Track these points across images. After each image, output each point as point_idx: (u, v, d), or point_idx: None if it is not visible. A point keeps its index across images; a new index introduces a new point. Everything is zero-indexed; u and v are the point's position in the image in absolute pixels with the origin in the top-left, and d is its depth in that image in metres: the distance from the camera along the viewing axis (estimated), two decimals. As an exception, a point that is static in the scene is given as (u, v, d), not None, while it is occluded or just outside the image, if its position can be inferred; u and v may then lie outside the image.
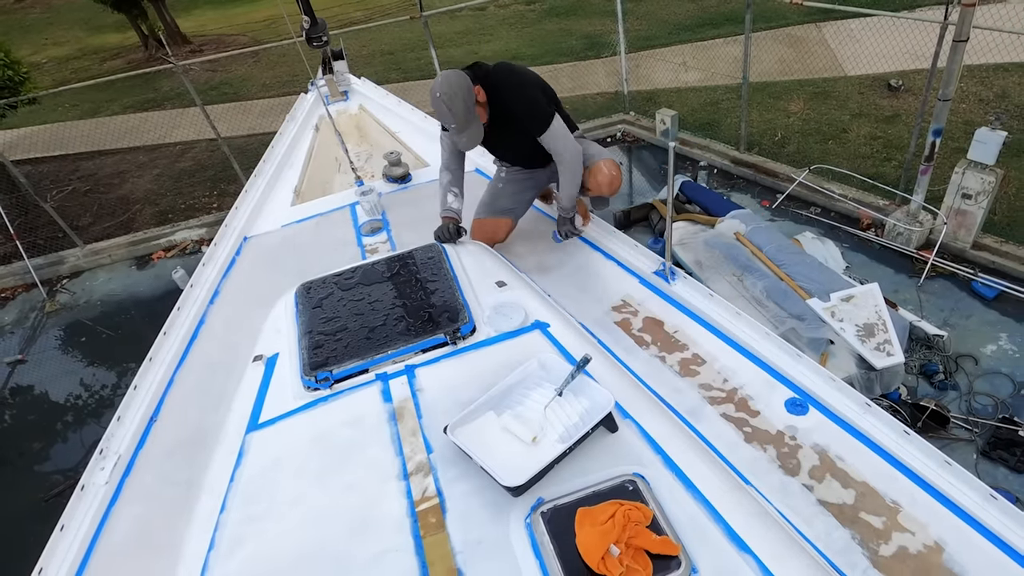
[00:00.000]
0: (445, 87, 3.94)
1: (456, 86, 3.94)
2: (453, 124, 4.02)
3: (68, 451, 8.17)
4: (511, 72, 4.24)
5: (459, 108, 3.95)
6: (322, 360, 3.46)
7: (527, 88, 4.25)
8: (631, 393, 3.06)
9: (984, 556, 2.69)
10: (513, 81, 4.21)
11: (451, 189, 4.54)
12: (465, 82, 3.98)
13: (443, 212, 4.52)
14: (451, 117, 3.98)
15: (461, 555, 2.45)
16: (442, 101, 3.94)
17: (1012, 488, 5.61)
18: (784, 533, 2.39)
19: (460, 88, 3.95)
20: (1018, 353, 6.76)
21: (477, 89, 4.05)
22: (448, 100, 3.93)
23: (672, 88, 13.43)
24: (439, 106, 3.98)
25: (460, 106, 3.95)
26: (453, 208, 4.52)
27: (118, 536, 3.15)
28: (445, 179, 4.58)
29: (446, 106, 3.94)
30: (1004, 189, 8.32)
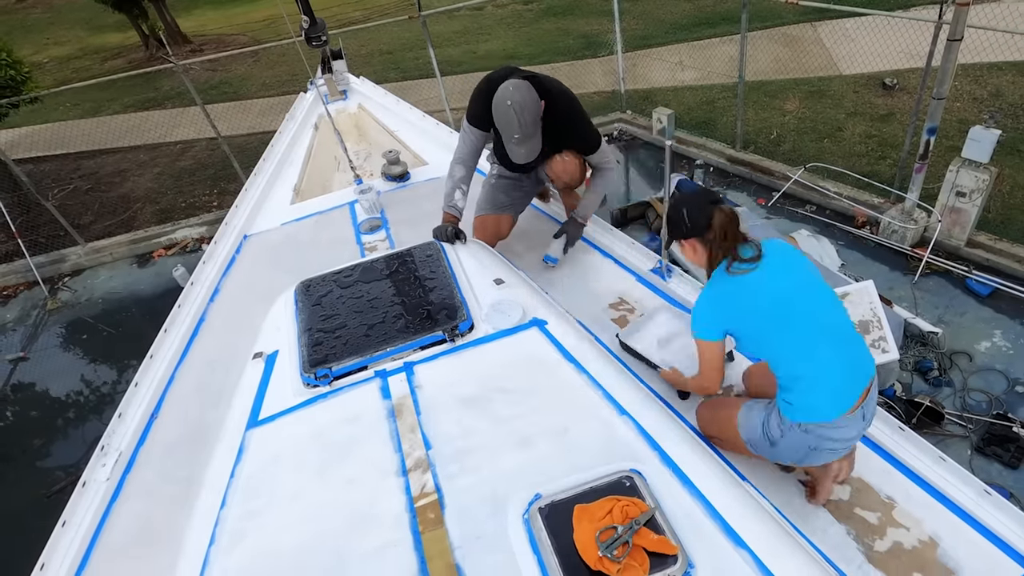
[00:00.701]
0: (518, 96, 3.90)
1: (528, 98, 3.91)
2: (517, 135, 3.96)
3: (70, 447, 8.17)
4: (564, 93, 4.22)
5: (528, 120, 3.93)
6: (321, 357, 3.46)
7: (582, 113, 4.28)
8: (629, 390, 3.05)
9: (978, 551, 2.69)
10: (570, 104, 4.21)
11: (460, 186, 4.46)
12: (535, 95, 3.95)
13: (446, 207, 4.45)
14: (518, 128, 3.93)
15: (459, 550, 2.45)
16: (513, 110, 3.89)
17: (1006, 484, 5.62)
18: (780, 529, 2.39)
19: (531, 100, 3.93)
20: (1012, 350, 6.77)
21: (541, 104, 4.03)
22: (519, 110, 3.89)
23: (669, 87, 13.42)
24: (508, 114, 3.91)
25: (529, 118, 3.93)
26: (458, 206, 4.45)
27: (119, 532, 3.16)
28: (457, 174, 4.47)
29: (516, 115, 3.89)
30: (998, 187, 8.33)
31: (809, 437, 2.78)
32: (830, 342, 2.82)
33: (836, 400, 2.76)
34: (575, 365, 3.22)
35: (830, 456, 2.84)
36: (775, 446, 2.90)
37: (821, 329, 2.83)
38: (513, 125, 3.92)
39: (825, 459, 2.86)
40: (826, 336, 2.82)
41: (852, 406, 2.75)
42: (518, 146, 4.03)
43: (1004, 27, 7.77)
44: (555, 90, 4.16)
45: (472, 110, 4.28)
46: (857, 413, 2.77)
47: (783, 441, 2.86)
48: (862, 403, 2.78)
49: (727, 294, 2.93)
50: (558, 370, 3.22)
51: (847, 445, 2.84)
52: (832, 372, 2.78)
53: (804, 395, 2.80)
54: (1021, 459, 5.74)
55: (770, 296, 2.84)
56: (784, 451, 2.91)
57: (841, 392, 2.78)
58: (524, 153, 4.07)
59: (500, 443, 2.87)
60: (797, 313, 2.83)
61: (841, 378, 2.79)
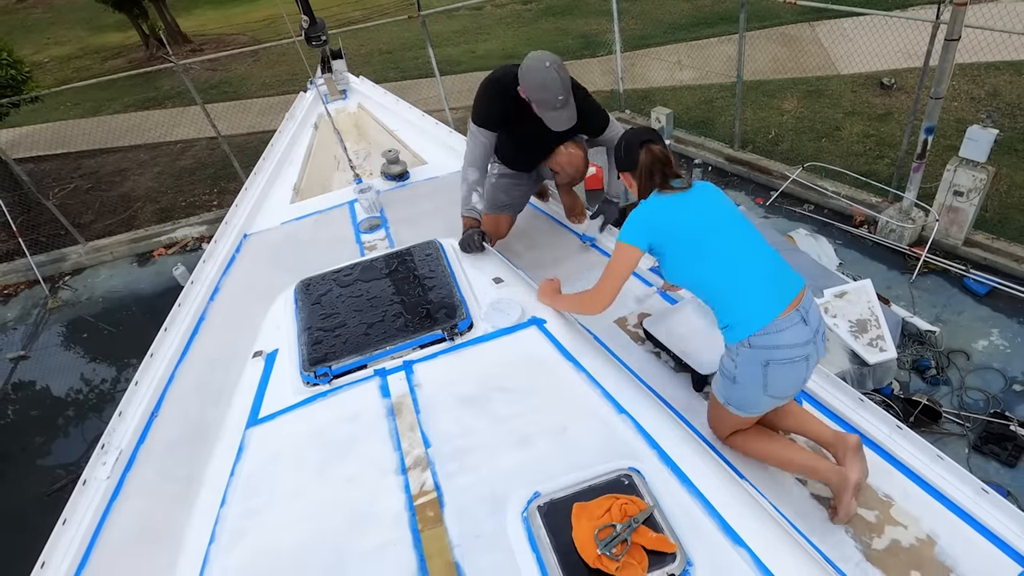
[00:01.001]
0: (553, 58, 3.86)
1: (558, 59, 3.88)
2: (561, 95, 3.87)
3: (70, 446, 8.18)
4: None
5: (567, 79, 3.89)
6: (321, 356, 3.46)
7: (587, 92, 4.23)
8: (627, 388, 3.05)
9: (976, 549, 2.69)
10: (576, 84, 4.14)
11: (475, 188, 4.38)
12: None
13: (464, 212, 4.38)
14: (560, 87, 3.84)
15: (459, 548, 2.44)
16: (554, 69, 3.82)
17: (1003, 482, 5.63)
18: (778, 527, 2.39)
19: (561, 62, 3.90)
20: (1009, 348, 6.77)
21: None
22: (558, 69, 3.84)
23: (667, 87, 13.43)
24: (550, 75, 3.83)
25: (567, 77, 3.90)
26: (476, 209, 4.38)
27: (120, 530, 3.16)
28: (472, 176, 4.39)
29: (558, 74, 3.83)
30: (995, 186, 8.34)
31: (757, 352, 2.88)
32: (751, 258, 2.99)
33: (765, 304, 2.88)
34: (574, 364, 3.22)
35: (791, 371, 2.92)
36: (737, 381, 2.98)
37: (741, 249, 3.01)
38: (556, 85, 3.83)
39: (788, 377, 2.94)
40: (747, 254, 3.00)
41: (784, 308, 2.86)
42: (562, 109, 3.92)
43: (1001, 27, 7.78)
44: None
45: (478, 111, 4.22)
46: (794, 315, 2.88)
47: (740, 371, 2.95)
48: (797, 305, 2.90)
49: (656, 208, 3.10)
50: (557, 369, 3.22)
51: (801, 352, 2.90)
52: (755, 281, 2.94)
53: (734, 310, 2.94)
54: (1018, 457, 5.75)
55: (694, 216, 3.04)
56: (746, 383, 2.96)
57: (768, 296, 2.90)
58: (567, 116, 3.97)
59: (499, 441, 2.87)
60: (718, 234, 3.02)
61: (765, 286, 2.93)
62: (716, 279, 2.99)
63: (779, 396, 3.00)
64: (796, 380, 2.98)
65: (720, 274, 2.97)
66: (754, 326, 2.86)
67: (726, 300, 2.97)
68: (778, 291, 2.91)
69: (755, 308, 2.88)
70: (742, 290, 2.93)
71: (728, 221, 3.06)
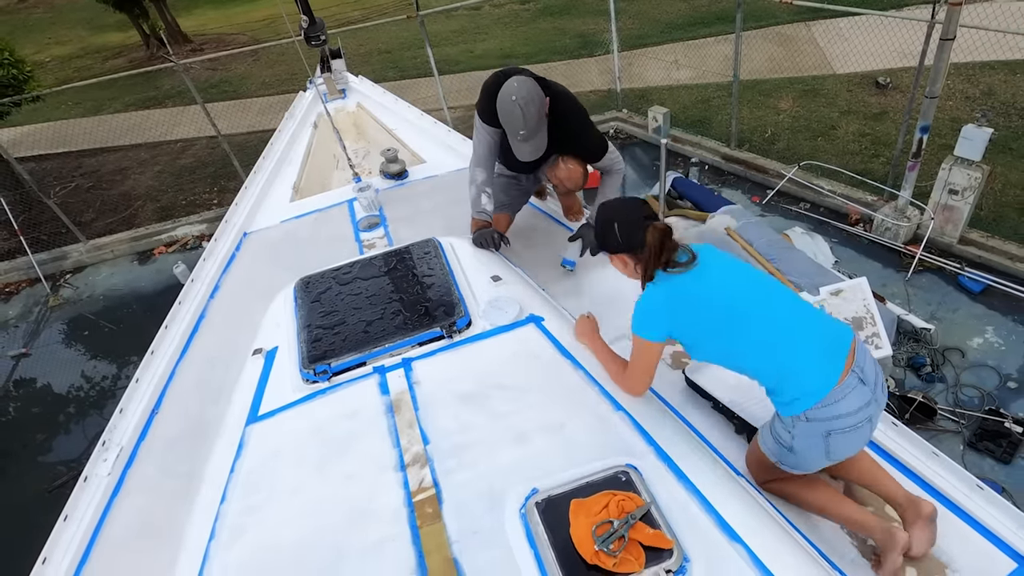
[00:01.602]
0: (523, 92, 3.81)
1: (533, 93, 3.82)
2: (523, 131, 3.86)
3: (71, 443, 8.18)
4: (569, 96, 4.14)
5: (532, 115, 3.83)
6: (321, 353, 3.46)
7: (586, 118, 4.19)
8: (624, 385, 3.06)
9: (970, 545, 2.69)
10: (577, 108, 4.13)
11: (484, 190, 4.35)
12: (540, 92, 3.87)
13: (476, 213, 4.36)
14: (523, 123, 3.82)
15: (457, 544, 2.44)
16: (518, 105, 3.79)
17: (998, 479, 5.63)
18: (774, 523, 2.39)
19: (536, 97, 3.84)
20: (1004, 346, 6.78)
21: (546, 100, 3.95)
22: (524, 105, 3.79)
23: (664, 86, 13.42)
24: (513, 110, 3.80)
25: (534, 113, 3.83)
26: (486, 211, 4.35)
27: (120, 526, 3.16)
28: (479, 177, 4.36)
29: (521, 111, 3.79)
30: (990, 185, 8.35)
31: (816, 425, 2.64)
32: (791, 326, 2.73)
33: (819, 376, 2.63)
34: (571, 361, 3.22)
35: (855, 437, 2.69)
36: (794, 451, 2.74)
37: (778, 317, 2.75)
38: (518, 121, 3.82)
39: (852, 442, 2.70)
40: (786, 323, 2.73)
41: (840, 376, 2.61)
42: (523, 143, 3.92)
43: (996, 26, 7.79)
44: (561, 93, 4.10)
45: (482, 106, 4.18)
46: (851, 378, 2.62)
47: (797, 441, 2.71)
48: (851, 367, 2.64)
49: (670, 293, 2.82)
50: (554, 366, 3.22)
51: (864, 415, 2.64)
52: (803, 352, 2.68)
53: (785, 389, 2.69)
54: (1013, 454, 5.76)
55: (715, 293, 2.77)
56: (806, 451, 2.73)
57: (820, 367, 2.64)
58: (529, 150, 3.97)
59: (497, 438, 2.87)
60: (748, 306, 2.75)
61: (815, 355, 2.67)
62: (758, 359, 2.73)
63: (841, 458, 2.80)
64: (860, 442, 2.75)
65: (762, 353, 2.72)
66: (810, 401, 2.63)
67: (774, 379, 2.72)
68: (830, 357, 2.66)
69: (809, 383, 2.64)
70: (791, 366, 2.67)
71: (753, 288, 2.80)
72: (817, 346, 2.69)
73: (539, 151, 4.00)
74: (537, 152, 4.00)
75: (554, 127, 4.04)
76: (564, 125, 4.08)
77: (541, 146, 3.99)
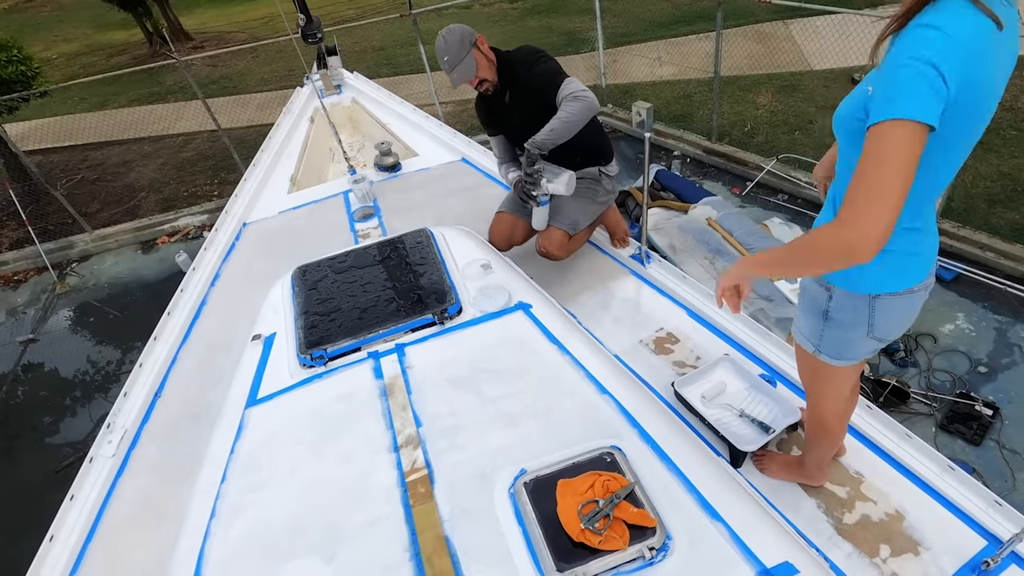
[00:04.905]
0: (448, 28, 3.98)
1: (455, 28, 3.97)
2: (446, 57, 3.95)
3: (77, 425, 8.16)
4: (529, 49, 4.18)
5: (453, 41, 3.93)
6: (317, 339, 3.45)
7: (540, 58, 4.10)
8: (609, 370, 3.05)
9: (942, 524, 2.70)
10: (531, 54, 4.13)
11: (511, 170, 4.37)
12: (464, 29, 3.99)
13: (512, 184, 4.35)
14: (445, 49, 3.93)
15: (448, 523, 2.44)
16: (441, 36, 3.94)
17: (969, 460, 5.65)
18: (753, 502, 2.39)
19: (458, 30, 3.97)
20: (974, 332, 6.80)
21: (481, 39, 4.04)
22: (446, 34, 3.94)
23: (648, 82, 13.40)
24: (438, 41, 3.97)
25: (455, 39, 3.93)
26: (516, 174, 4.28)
27: (124, 505, 3.16)
28: (503, 170, 4.46)
29: (443, 39, 3.94)
30: (961, 177, 8.35)
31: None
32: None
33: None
34: (558, 347, 3.21)
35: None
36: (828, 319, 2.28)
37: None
38: (441, 49, 3.96)
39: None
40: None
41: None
42: (450, 71, 4.00)
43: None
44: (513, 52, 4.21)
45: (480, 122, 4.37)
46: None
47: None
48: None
49: (964, 39, 1.63)
50: (542, 351, 3.21)
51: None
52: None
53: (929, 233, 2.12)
54: (983, 436, 5.78)
55: (997, 67, 1.77)
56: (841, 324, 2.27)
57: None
58: (456, 76, 4.02)
59: (487, 421, 2.87)
60: (985, 118, 1.86)
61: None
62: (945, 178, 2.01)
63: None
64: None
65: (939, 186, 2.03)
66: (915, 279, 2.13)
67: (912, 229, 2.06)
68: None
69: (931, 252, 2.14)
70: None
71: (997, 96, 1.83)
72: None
73: (467, 77, 4.05)
74: (465, 76, 4.04)
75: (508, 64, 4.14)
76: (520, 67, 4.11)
77: (468, 72, 4.02)
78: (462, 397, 3.03)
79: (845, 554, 2.65)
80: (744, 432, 3.11)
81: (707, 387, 3.36)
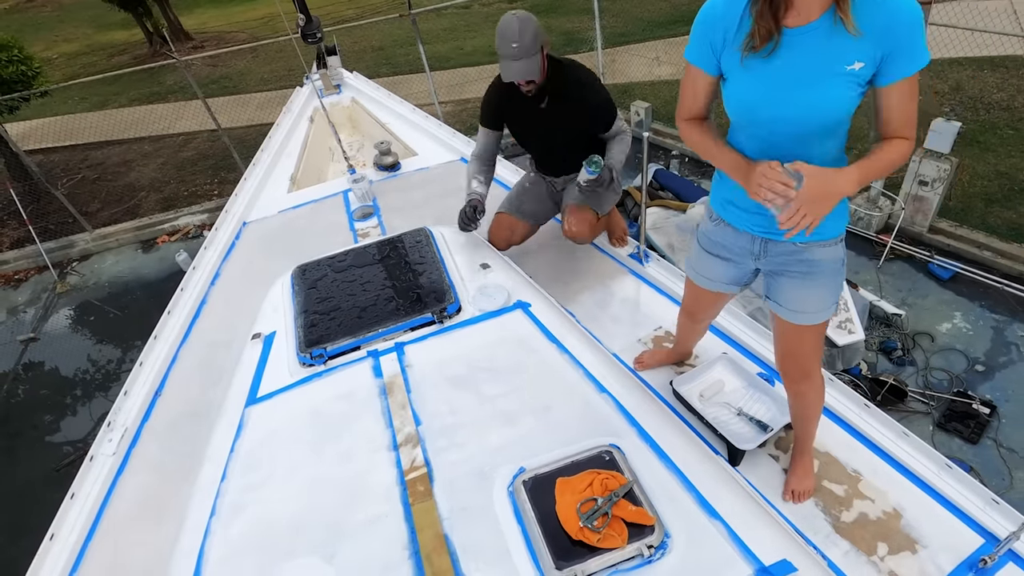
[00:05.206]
0: (523, 15, 3.56)
1: (533, 20, 3.56)
2: (515, 44, 3.50)
3: (78, 423, 8.15)
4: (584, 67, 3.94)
5: (528, 32, 3.49)
6: (316, 338, 3.45)
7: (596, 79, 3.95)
8: (608, 369, 3.05)
9: (939, 522, 2.70)
10: (589, 74, 3.92)
11: (476, 176, 4.18)
12: (539, 26, 3.60)
13: (467, 196, 4.13)
14: (517, 34, 3.48)
15: (448, 521, 2.45)
16: (516, 18, 3.52)
17: (966, 458, 5.65)
18: (752, 501, 2.39)
19: (534, 24, 3.56)
20: (972, 331, 6.80)
21: (546, 41, 3.65)
22: (522, 19, 3.50)
23: (646, 81, 13.38)
24: (509, 22, 3.52)
25: (531, 32, 3.49)
26: (478, 192, 4.14)
27: (125, 503, 3.15)
28: (472, 167, 4.19)
29: (519, 23, 3.49)
30: (959, 176, 8.36)
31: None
32: None
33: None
34: (557, 345, 3.21)
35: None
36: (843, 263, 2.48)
37: None
38: (513, 33, 3.50)
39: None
40: None
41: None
42: (513, 61, 3.55)
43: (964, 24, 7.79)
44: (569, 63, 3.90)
45: (482, 111, 4.07)
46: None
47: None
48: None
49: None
50: (541, 350, 3.22)
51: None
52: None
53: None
54: (980, 434, 5.78)
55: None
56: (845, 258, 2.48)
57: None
58: (518, 69, 3.59)
59: (486, 419, 2.87)
60: None
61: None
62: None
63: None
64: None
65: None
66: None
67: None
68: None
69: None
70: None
71: None
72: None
73: (526, 74, 3.62)
74: (524, 74, 3.61)
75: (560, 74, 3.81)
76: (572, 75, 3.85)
77: (531, 71, 3.62)
78: (461, 396, 3.03)
79: (843, 552, 2.65)
80: (742, 430, 3.10)
81: (705, 386, 3.34)
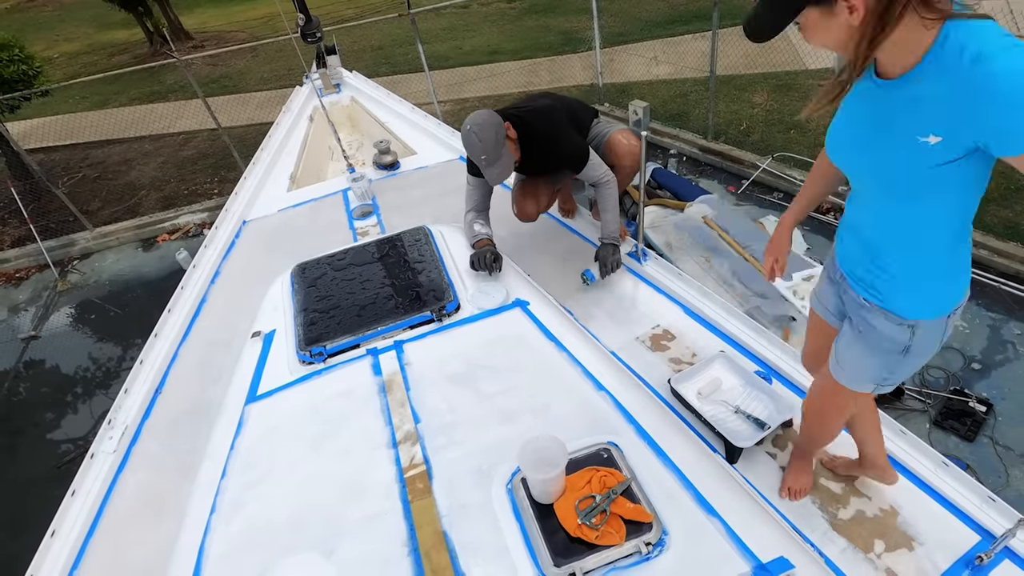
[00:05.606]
0: (476, 120, 3.68)
1: (486, 120, 3.68)
2: (483, 156, 3.67)
3: (79, 421, 8.15)
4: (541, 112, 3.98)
5: (489, 139, 3.66)
6: (316, 336, 3.45)
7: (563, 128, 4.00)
8: (606, 367, 3.05)
9: (936, 519, 2.70)
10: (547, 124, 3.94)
11: (477, 220, 4.14)
12: (494, 118, 3.72)
13: (473, 240, 4.06)
14: (481, 148, 3.65)
15: (446, 518, 2.44)
16: (472, 132, 3.66)
17: (962, 455, 5.64)
18: (749, 498, 2.39)
19: (489, 122, 3.68)
20: (968, 329, 6.79)
21: (507, 125, 3.78)
22: (479, 131, 3.65)
23: (644, 81, 13.38)
24: (470, 138, 3.67)
25: (491, 137, 3.66)
26: (483, 233, 4.11)
27: (125, 500, 3.16)
28: (469, 217, 4.15)
29: (476, 137, 3.64)
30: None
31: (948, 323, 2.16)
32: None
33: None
34: (555, 343, 3.21)
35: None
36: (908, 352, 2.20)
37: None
38: (476, 148, 3.67)
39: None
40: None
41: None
42: (488, 168, 3.73)
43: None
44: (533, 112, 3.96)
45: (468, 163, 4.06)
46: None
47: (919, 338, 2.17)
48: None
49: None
50: (539, 348, 3.22)
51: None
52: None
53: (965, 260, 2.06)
54: (976, 432, 5.77)
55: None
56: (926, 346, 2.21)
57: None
58: (497, 174, 3.76)
59: (485, 417, 2.87)
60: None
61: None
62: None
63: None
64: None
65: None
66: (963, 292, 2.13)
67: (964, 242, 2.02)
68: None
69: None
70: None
71: None
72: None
73: (507, 174, 3.83)
74: (505, 174, 3.81)
75: (527, 146, 3.91)
76: (535, 143, 3.92)
77: (508, 169, 3.81)
78: (460, 393, 3.03)
79: (840, 549, 2.65)
80: (740, 428, 3.10)
81: (703, 384, 3.35)
